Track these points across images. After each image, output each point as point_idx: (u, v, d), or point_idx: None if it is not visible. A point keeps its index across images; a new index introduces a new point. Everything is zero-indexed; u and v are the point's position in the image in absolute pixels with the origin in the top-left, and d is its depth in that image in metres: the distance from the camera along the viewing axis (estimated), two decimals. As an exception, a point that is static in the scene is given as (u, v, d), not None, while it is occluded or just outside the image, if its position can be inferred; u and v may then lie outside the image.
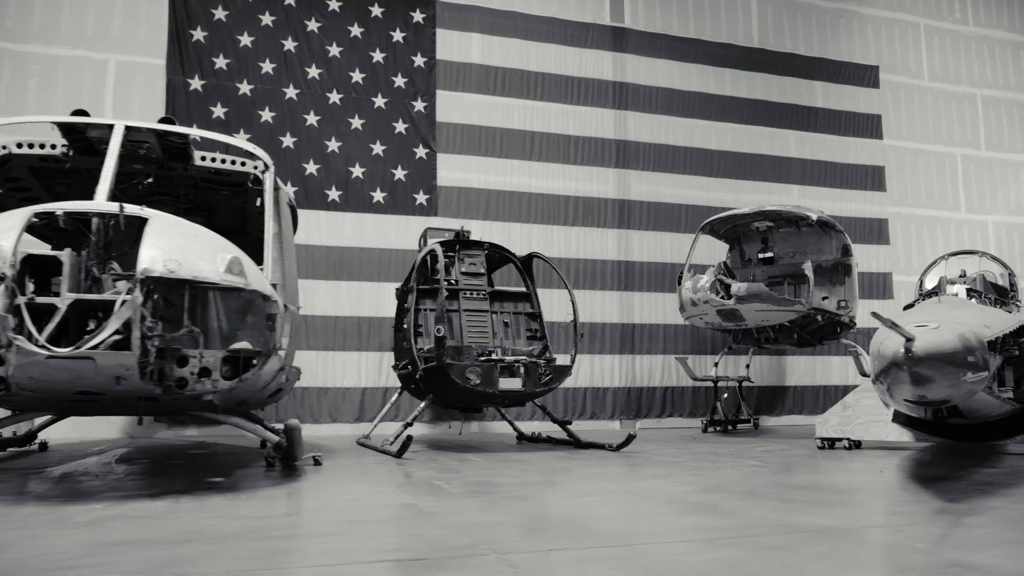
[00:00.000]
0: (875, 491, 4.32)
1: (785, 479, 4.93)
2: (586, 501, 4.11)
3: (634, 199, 12.39)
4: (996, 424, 6.32)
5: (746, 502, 3.91)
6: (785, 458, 6.47)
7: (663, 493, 4.34)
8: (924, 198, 14.17)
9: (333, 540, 3.03)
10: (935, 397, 3.98)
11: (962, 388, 3.92)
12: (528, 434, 8.80)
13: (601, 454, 7.03)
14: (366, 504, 4.08)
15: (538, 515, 3.64)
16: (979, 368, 3.96)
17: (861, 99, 13.99)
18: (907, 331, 3.76)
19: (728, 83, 13.23)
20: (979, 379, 4.00)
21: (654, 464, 6.16)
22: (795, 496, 4.12)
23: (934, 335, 3.77)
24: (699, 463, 6.15)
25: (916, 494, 4.12)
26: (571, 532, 3.18)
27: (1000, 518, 3.33)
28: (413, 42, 11.62)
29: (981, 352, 4.03)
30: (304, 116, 11.02)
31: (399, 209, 11.20)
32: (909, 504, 3.78)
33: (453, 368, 6.91)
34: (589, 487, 4.71)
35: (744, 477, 5.11)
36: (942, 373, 3.72)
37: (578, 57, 12.45)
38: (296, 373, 6.82)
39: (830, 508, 3.74)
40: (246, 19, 10.94)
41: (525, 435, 8.81)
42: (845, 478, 5.00)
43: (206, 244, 4.36)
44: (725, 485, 4.66)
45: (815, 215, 9.66)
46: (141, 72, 10.47)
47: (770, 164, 13.24)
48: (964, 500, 3.82)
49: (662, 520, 3.46)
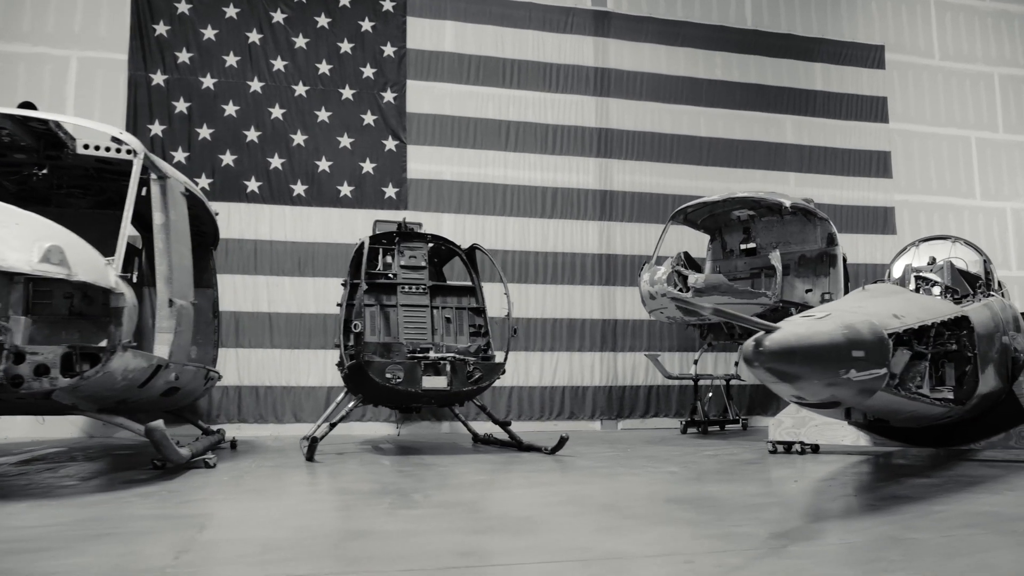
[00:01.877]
0: (751, 507, 3.78)
1: (682, 490, 4.45)
2: (406, 514, 3.71)
3: (617, 189, 11.87)
4: (960, 427, 5.71)
5: (580, 518, 3.44)
6: (720, 464, 5.96)
7: (517, 504, 3.91)
8: (935, 184, 13.34)
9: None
10: (816, 398, 3.48)
11: (849, 387, 3.40)
12: (482, 435, 8.40)
13: (537, 458, 6.61)
14: (140, 515, 3.72)
15: (320, 527, 3.25)
16: (870, 364, 3.44)
17: (865, 81, 13.22)
18: (767, 324, 3.28)
19: (719, 67, 12.61)
20: (871, 377, 3.47)
21: (572, 469, 5.72)
22: (657, 511, 3.66)
23: (801, 327, 3.26)
24: (624, 469, 5.69)
25: (788, 511, 3.62)
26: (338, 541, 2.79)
27: (836, 551, 2.76)
28: (382, 31, 11.30)
29: (875, 346, 3.50)
30: (269, 109, 10.79)
31: (367, 203, 10.89)
32: (760, 524, 3.21)
33: (372, 366, 6.56)
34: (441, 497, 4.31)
35: (642, 486, 4.65)
36: (811, 370, 3.21)
37: (557, 43, 11.98)
38: (199, 374, 6.48)
39: (666, 526, 3.24)
40: (210, 12, 10.75)
41: (479, 436, 8.42)
42: (746, 489, 4.47)
43: (27, 232, 4.08)
44: (599, 496, 4.21)
45: (788, 202, 9.04)
46: (103, 68, 10.35)
47: (765, 151, 12.59)
48: (826, 521, 3.28)
49: (434, 539, 3.03)
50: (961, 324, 4.73)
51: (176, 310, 5.48)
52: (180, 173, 6.03)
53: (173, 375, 5.56)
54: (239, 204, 10.50)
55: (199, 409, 9.68)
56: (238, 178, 10.54)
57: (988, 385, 5.06)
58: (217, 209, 8.10)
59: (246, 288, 10.36)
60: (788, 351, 3.09)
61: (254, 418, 10.16)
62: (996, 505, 3.54)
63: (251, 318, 10.32)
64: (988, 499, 3.73)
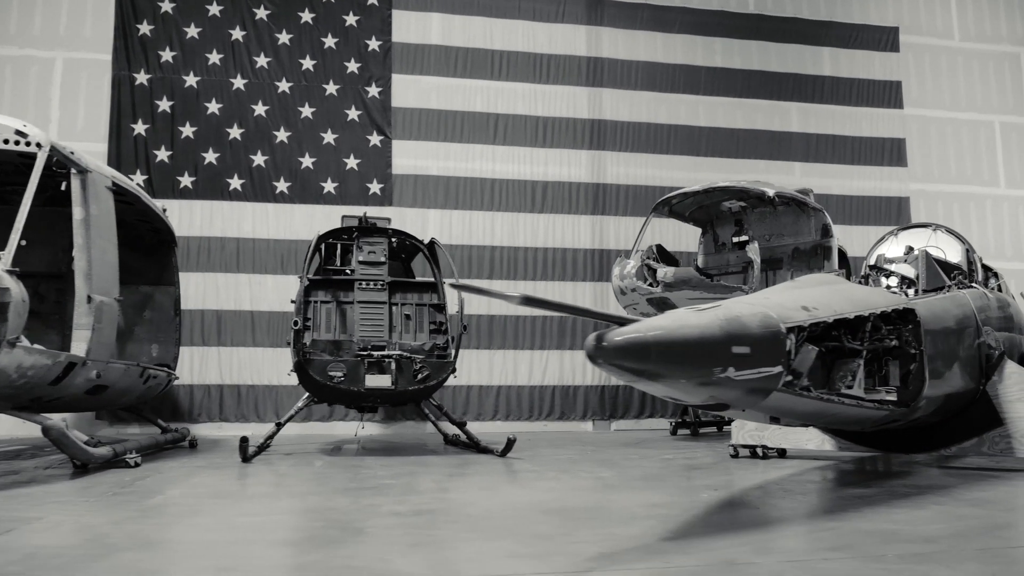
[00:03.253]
0: (628, 519, 3.36)
1: (578, 499, 4.11)
2: (254, 520, 3.47)
3: (610, 182, 11.49)
4: (931, 431, 5.25)
5: (413, 530, 3.15)
6: (664, 469, 5.60)
7: (364, 513, 3.62)
8: (954, 172, 12.63)
9: None
10: (694, 399, 3.13)
11: (730, 388, 3.03)
12: (451, 435, 8.13)
13: (486, 460, 6.33)
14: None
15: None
16: (757, 361, 3.08)
17: (877, 65, 12.59)
18: (619, 316, 2.95)
19: (719, 53, 12.13)
20: (759, 376, 3.11)
21: (502, 473, 5.43)
22: (512, 523, 3.35)
23: (667, 319, 2.91)
24: (556, 473, 5.39)
25: (661, 524, 3.27)
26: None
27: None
28: (366, 25, 11.12)
29: (766, 341, 3.13)
30: (252, 107, 10.70)
31: (351, 200, 10.71)
32: (606, 541, 2.82)
33: (313, 364, 6.37)
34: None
35: (541, 493, 4.34)
36: (673, 368, 2.85)
37: (548, 33, 11.65)
38: (132, 372, 6.34)
39: (496, 541, 2.89)
40: (193, 10, 10.71)
41: (448, 436, 8.16)
42: (650, 499, 4.07)
43: None
44: (478, 504, 3.90)
45: (772, 191, 8.56)
46: (87, 69, 10.39)
47: (768, 140, 12.07)
48: (682, 539, 2.90)
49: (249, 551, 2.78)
50: (907, 318, 4.30)
51: (95, 306, 5.35)
52: (109, 168, 5.90)
53: (94, 373, 5.42)
54: (222, 202, 10.44)
55: (158, 407, 9.61)
56: (221, 176, 10.48)
57: (945, 385, 4.60)
58: (165, 205, 8.00)
59: (228, 287, 10.29)
60: (640, 347, 2.75)
61: (236, 417, 10.08)
62: (902, 522, 3.14)
63: (233, 317, 10.24)
64: (901, 515, 3.32)
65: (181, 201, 10.31)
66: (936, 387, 4.42)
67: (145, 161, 10.30)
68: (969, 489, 4.11)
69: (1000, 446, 5.03)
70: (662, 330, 2.82)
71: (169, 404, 9.98)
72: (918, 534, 2.88)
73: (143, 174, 10.26)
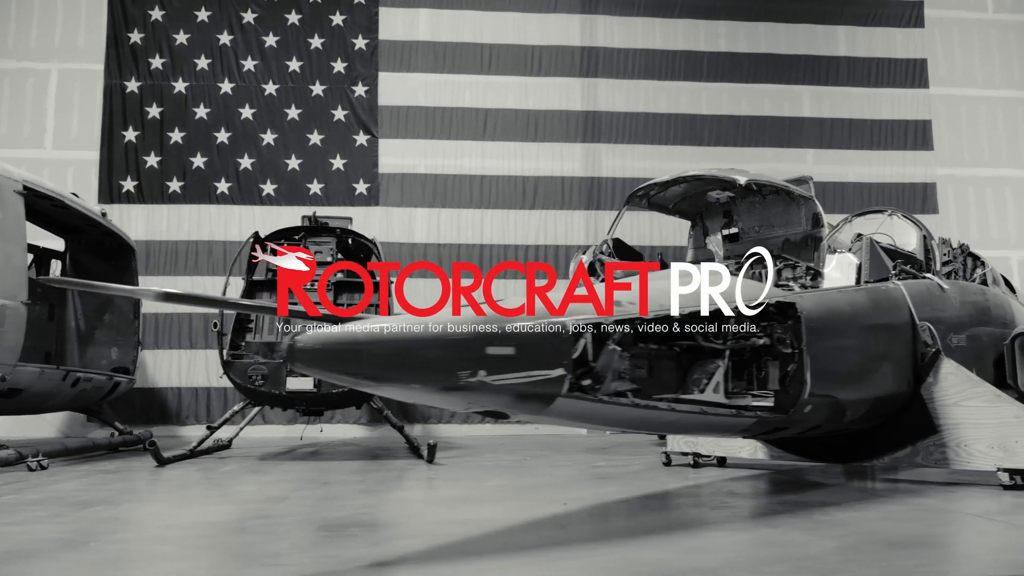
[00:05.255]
0: (403, 531, 3.11)
1: (410, 510, 3.82)
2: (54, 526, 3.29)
3: (605, 176, 11.06)
4: (864, 440, 4.72)
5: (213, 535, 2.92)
6: (575, 477, 5.23)
7: (168, 520, 3.42)
8: (987, 155, 11.64)
9: None
10: (454, 406, 2.82)
11: (490, 393, 2.67)
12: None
13: (403, 465, 6.08)
14: None
15: None
16: (527, 364, 2.71)
17: (899, 42, 11.73)
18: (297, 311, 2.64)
19: (723, 37, 11.53)
20: (531, 381, 2.74)
21: (400, 479, 5.17)
22: (305, 535, 3.08)
23: (388, 321, 2.59)
24: (466, 479, 5.11)
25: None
26: None
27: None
28: (353, 24, 11.02)
29: (538, 342, 2.76)
30: (239, 110, 10.73)
31: (337, 200, 10.64)
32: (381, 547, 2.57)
33: (233, 367, 6.24)
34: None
35: (397, 504, 4.06)
36: (398, 373, 2.52)
37: (540, 24, 11.30)
38: (53, 376, 6.32)
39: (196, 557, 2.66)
40: (182, 17, 10.82)
41: (411, 439, 7.90)
42: (506, 507, 3.77)
43: None
44: (302, 510, 3.65)
45: (744, 178, 7.95)
46: (81, 78, 10.62)
47: (777, 126, 11.40)
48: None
49: None
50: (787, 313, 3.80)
51: (2, 311, 5.34)
52: (20, 171, 5.90)
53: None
54: (209, 206, 10.51)
55: (147, 409, 9.73)
56: (208, 180, 10.55)
57: (849, 387, 4.08)
58: (104, 209, 8.02)
59: (215, 290, 10.31)
60: (346, 350, 2.43)
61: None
62: (693, 551, 2.67)
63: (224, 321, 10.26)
64: (708, 540, 2.85)
65: (170, 206, 10.43)
66: (829, 389, 3.91)
67: (136, 167, 10.46)
68: (850, 508, 3.58)
69: (935, 456, 4.45)
70: (379, 331, 2.50)
71: (157, 406, 10.10)
72: (693, 564, 2.46)
73: (133, 180, 10.43)
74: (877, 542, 2.76)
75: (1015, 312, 6.25)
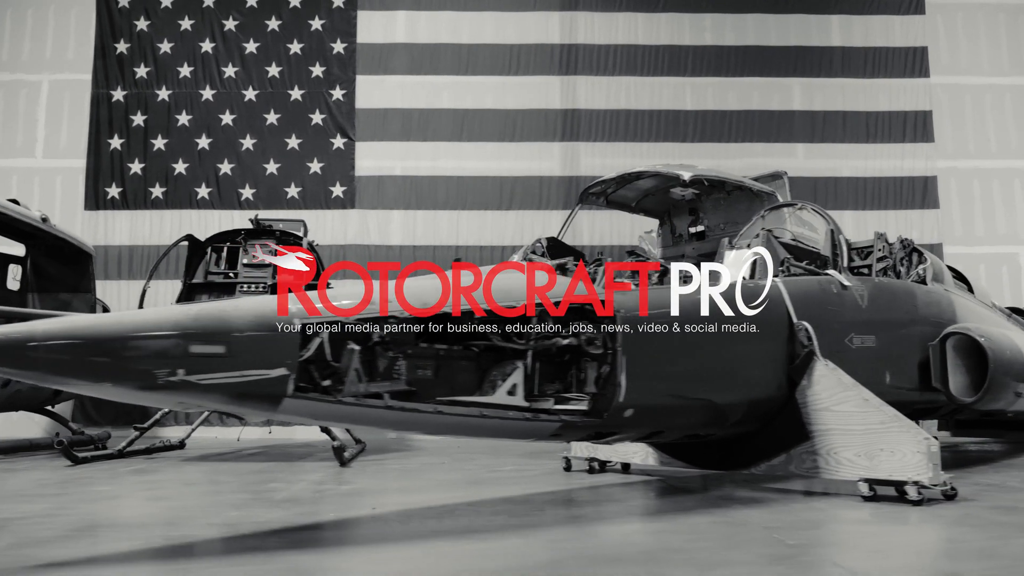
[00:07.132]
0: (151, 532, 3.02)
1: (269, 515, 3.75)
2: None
3: (584, 175, 10.80)
4: (742, 446, 4.45)
5: None
6: (456, 480, 5.09)
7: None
8: (993, 146, 10.98)
9: None
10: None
11: (204, 395, 2.57)
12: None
13: (315, 466, 6.04)
14: None
15: None
16: (241, 364, 2.61)
17: (897, 30, 11.18)
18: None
19: (708, 30, 11.18)
20: (249, 380, 2.63)
21: (287, 482, 5.13)
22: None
23: (80, 319, 2.54)
24: (362, 481, 5.03)
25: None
26: None
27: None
28: (332, 28, 11.09)
29: (257, 340, 2.64)
30: (220, 116, 10.91)
31: (313, 204, 10.71)
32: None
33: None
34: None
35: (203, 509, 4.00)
36: (84, 371, 2.45)
37: (519, 22, 11.17)
38: None
39: None
40: (166, 26, 11.07)
41: (335, 440, 7.86)
42: (322, 511, 3.68)
43: None
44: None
45: (688, 174, 7.66)
46: (70, 89, 10.96)
47: (765, 121, 10.99)
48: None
49: None
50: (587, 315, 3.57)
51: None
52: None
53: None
54: (190, 211, 10.70)
55: (130, 411, 9.93)
56: (190, 185, 10.75)
57: (687, 392, 3.84)
58: (44, 214, 8.18)
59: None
60: (15, 347, 2.38)
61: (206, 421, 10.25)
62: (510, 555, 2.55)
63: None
64: (486, 545, 2.72)
65: (152, 211, 10.67)
66: (661, 393, 3.69)
67: (120, 174, 10.73)
68: (683, 516, 3.38)
69: (807, 464, 4.15)
70: (59, 328, 2.45)
71: (138, 407, 10.31)
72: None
73: (118, 187, 10.70)
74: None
75: (957, 310, 5.83)
